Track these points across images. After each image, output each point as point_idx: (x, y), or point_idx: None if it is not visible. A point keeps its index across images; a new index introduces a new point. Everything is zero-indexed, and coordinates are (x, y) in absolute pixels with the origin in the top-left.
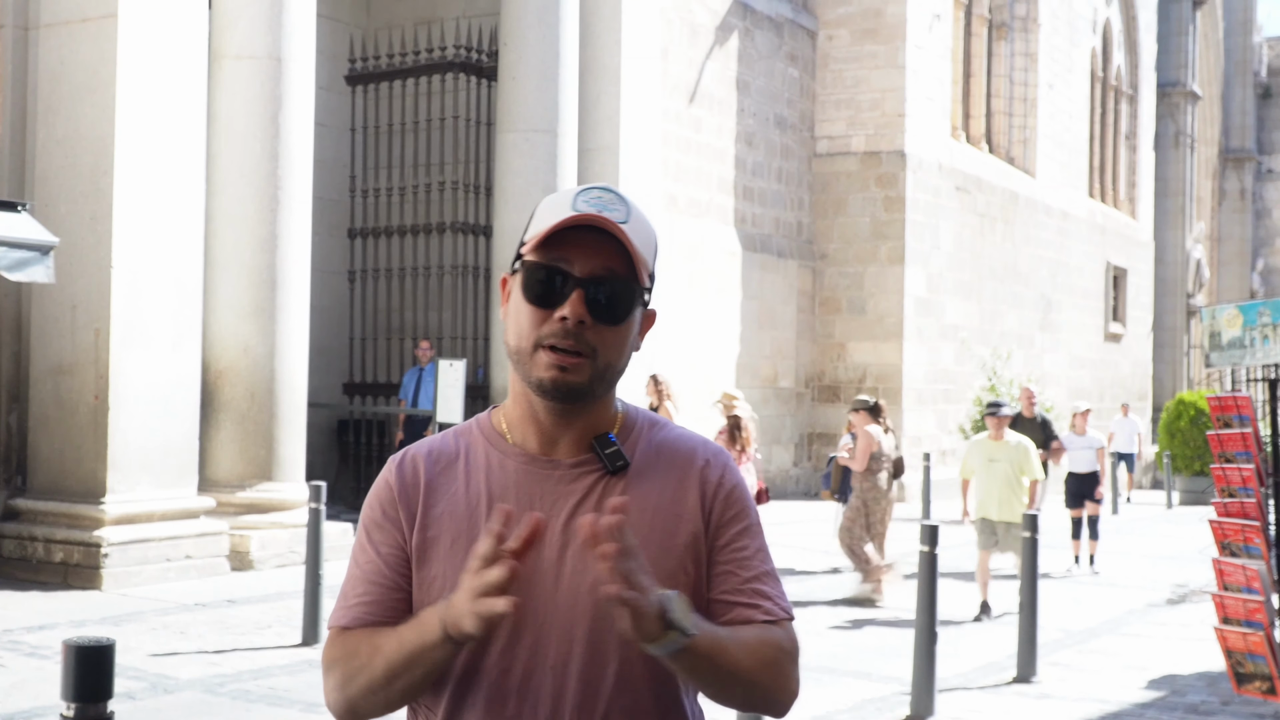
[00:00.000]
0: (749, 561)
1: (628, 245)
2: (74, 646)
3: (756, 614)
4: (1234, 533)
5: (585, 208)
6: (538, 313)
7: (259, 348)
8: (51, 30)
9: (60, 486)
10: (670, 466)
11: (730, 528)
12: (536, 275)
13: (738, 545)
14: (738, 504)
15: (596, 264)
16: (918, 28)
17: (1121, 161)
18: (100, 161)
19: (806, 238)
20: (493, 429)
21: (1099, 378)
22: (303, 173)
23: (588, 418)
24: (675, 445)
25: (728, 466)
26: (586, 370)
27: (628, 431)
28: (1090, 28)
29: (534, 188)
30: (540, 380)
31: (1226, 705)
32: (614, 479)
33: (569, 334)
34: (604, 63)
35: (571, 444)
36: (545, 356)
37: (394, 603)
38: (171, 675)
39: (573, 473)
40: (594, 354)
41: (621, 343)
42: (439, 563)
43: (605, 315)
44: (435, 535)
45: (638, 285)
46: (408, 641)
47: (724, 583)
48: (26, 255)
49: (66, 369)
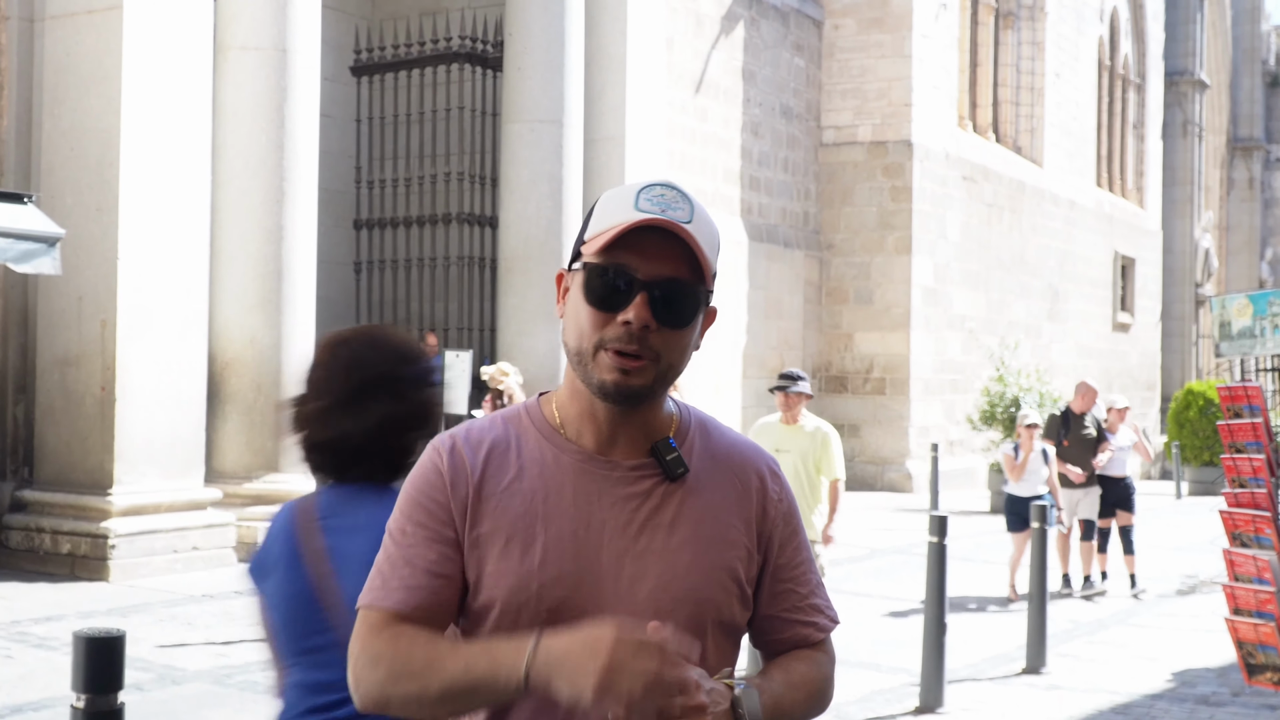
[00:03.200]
0: (805, 577)
1: (694, 247)
2: (84, 638)
3: (813, 632)
4: (1245, 523)
5: (649, 206)
6: (599, 315)
7: (265, 339)
8: (57, 22)
9: (67, 478)
10: (728, 476)
11: (789, 544)
12: (599, 277)
13: (796, 561)
14: (794, 520)
15: (661, 267)
16: (924, 16)
17: (1129, 150)
18: (106, 153)
19: (813, 228)
20: (545, 421)
21: (1107, 368)
22: (308, 164)
23: (644, 417)
24: (730, 453)
25: (784, 482)
26: (650, 373)
27: (683, 435)
28: (1098, 16)
29: (539, 178)
30: (603, 383)
31: (1237, 696)
32: (672, 485)
33: (633, 338)
34: (609, 53)
35: (629, 444)
36: (608, 359)
37: (439, 589)
38: (179, 666)
39: (631, 475)
40: (657, 358)
41: (685, 345)
42: (493, 563)
43: (669, 319)
44: (489, 532)
45: (702, 287)
46: (476, 671)
47: (784, 601)
48: (33, 247)
49: (73, 360)
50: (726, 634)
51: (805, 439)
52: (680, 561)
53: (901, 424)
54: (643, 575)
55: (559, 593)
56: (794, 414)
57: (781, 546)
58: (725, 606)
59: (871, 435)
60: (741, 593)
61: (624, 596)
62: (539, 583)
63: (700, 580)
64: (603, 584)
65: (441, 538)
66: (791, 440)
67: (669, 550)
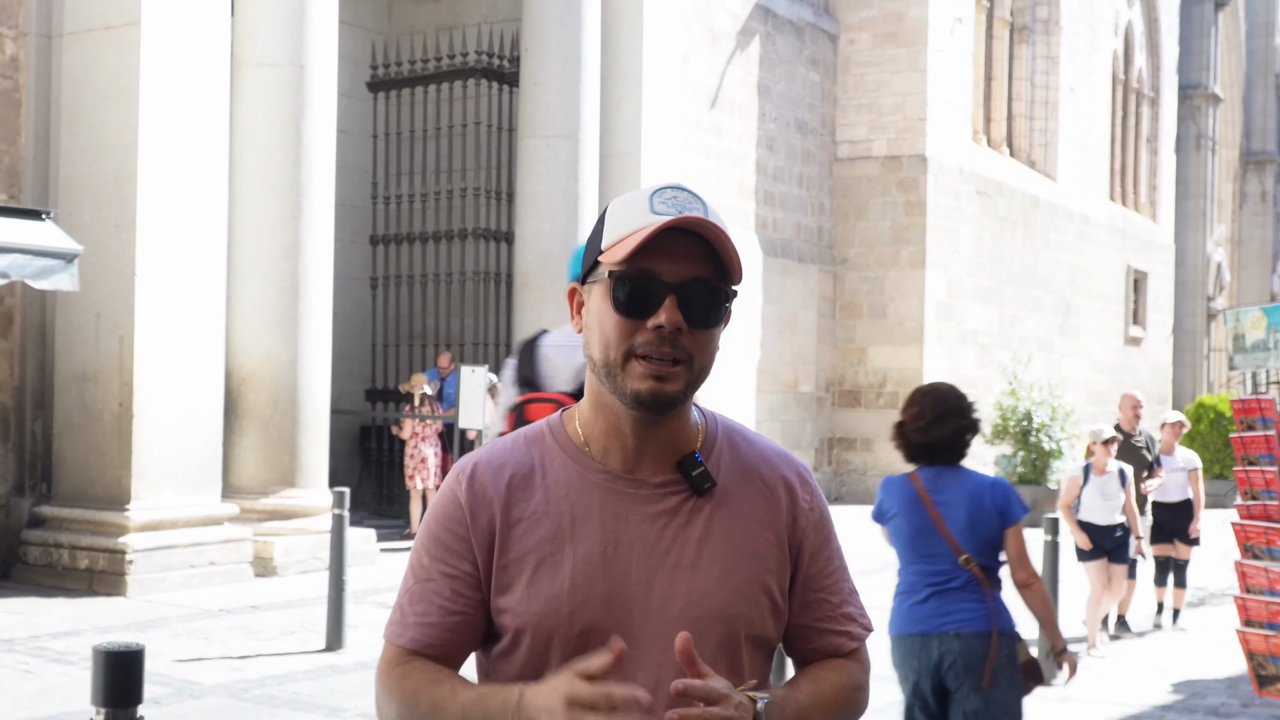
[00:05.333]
0: (839, 585)
1: (720, 243)
2: (104, 652)
3: (846, 642)
4: (1256, 535)
5: (664, 209)
6: (628, 323)
7: (282, 355)
8: (75, 38)
9: (85, 493)
10: (757, 486)
11: (822, 552)
12: (626, 284)
13: (828, 570)
14: (826, 527)
15: (687, 268)
16: (939, 31)
17: (1142, 164)
18: (124, 169)
19: (827, 242)
20: (569, 440)
21: (1119, 381)
22: (325, 179)
23: (671, 428)
24: (759, 464)
25: (815, 490)
26: (683, 378)
27: (709, 446)
28: (1112, 30)
29: (555, 193)
30: (637, 392)
31: (1247, 708)
32: (700, 500)
33: (665, 341)
34: (625, 68)
35: (656, 460)
36: (640, 367)
37: (453, 626)
38: (197, 681)
39: (658, 493)
40: (690, 361)
41: (714, 346)
42: (522, 588)
43: (700, 320)
44: (516, 559)
45: (728, 285)
46: (474, 715)
47: (817, 610)
48: (51, 263)
49: (91, 376)
50: (759, 647)
51: None
52: (710, 577)
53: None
54: (673, 593)
55: (589, 615)
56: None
57: (813, 556)
58: (757, 620)
59: (884, 449)
60: (774, 605)
61: (655, 615)
62: (569, 606)
63: (731, 596)
64: (633, 604)
65: (458, 572)
66: None
67: (699, 566)
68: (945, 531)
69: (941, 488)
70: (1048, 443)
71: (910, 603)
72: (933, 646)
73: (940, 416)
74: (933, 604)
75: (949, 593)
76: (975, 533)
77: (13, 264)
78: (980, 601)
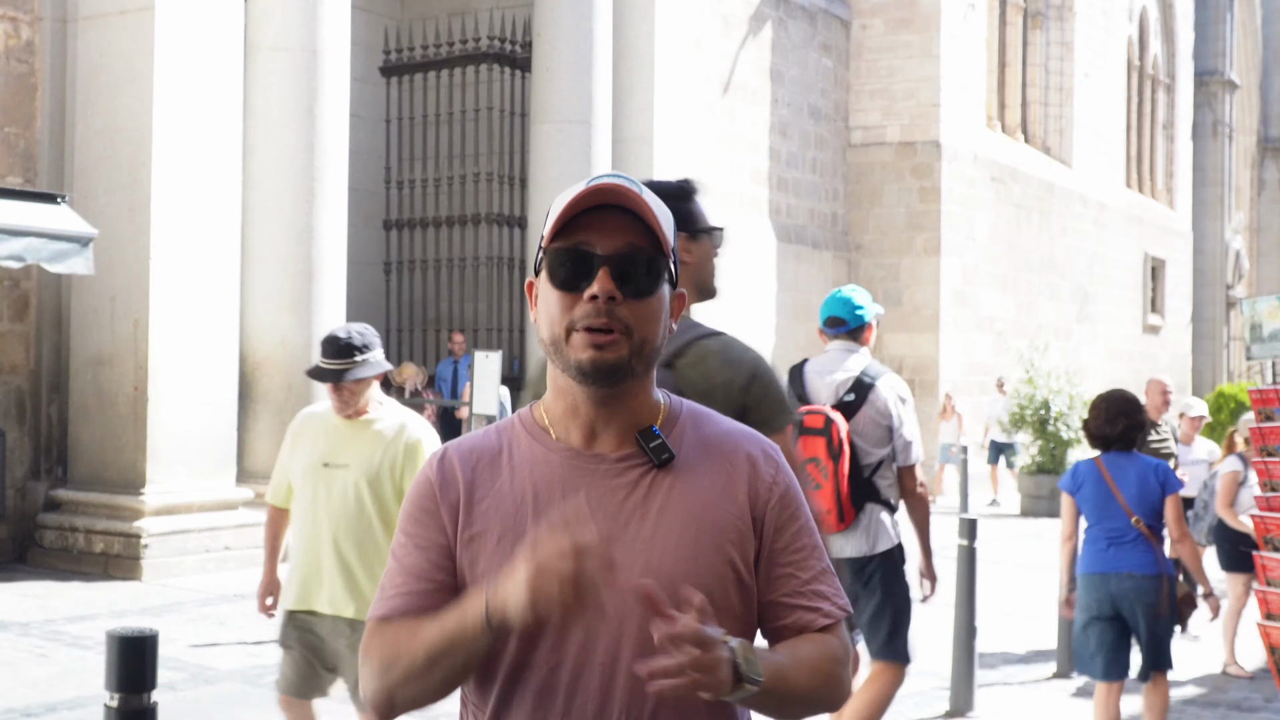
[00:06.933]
0: (807, 562)
1: (647, 215)
2: (118, 637)
3: (817, 618)
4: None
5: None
6: (566, 297)
7: (296, 339)
8: (90, 23)
9: (100, 477)
10: (718, 460)
11: (788, 528)
12: (561, 260)
13: (796, 546)
14: (793, 503)
15: (619, 240)
16: (952, 17)
17: (1159, 151)
18: (139, 153)
19: (841, 229)
20: (535, 423)
21: (1137, 370)
22: (338, 164)
23: (629, 405)
24: (722, 439)
25: (780, 465)
26: (624, 346)
27: (671, 423)
28: (1127, 16)
29: (568, 179)
30: (579, 362)
31: (1270, 702)
32: (660, 473)
33: (600, 312)
34: (638, 53)
35: (615, 437)
36: (580, 338)
37: (431, 594)
38: (211, 666)
39: (618, 467)
40: (628, 330)
41: (654, 318)
42: (485, 559)
43: (633, 289)
44: (481, 531)
45: (662, 257)
46: (449, 625)
47: (784, 585)
48: (66, 247)
49: (106, 360)
50: (724, 619)
51: (375, 444)
52: (668, 546)
53: (930, 426)
54: (632, 563)
55: None
56: (351, 407)
57: (779, 530)
58: (718, 591)
59: None
60: (737, 577)
61: (614, 586)
62: None
63: (690, 564)
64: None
65: (430, 543)
66: (352, 447)
67: (657, 535)
68: (1121, 499)
69: (1117, 468)
70: (1066, 431)
71: (1095, 550)
72: (1111, 582)
73: (1112, 417)
74: (1111, 552)
75: (1124, 545)
76: (1143, 500)
77: (28, 247)
78: (1148, 552)
